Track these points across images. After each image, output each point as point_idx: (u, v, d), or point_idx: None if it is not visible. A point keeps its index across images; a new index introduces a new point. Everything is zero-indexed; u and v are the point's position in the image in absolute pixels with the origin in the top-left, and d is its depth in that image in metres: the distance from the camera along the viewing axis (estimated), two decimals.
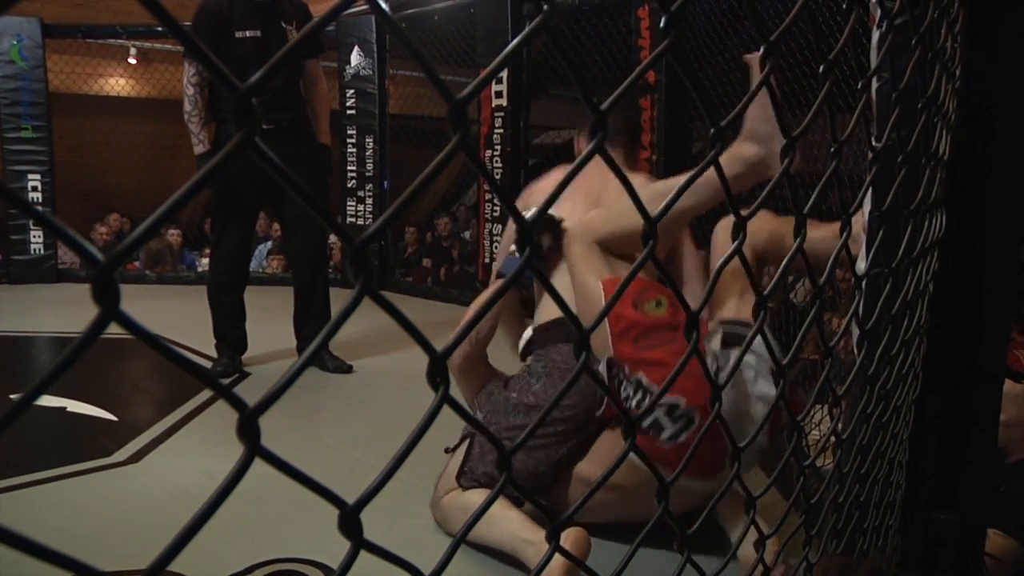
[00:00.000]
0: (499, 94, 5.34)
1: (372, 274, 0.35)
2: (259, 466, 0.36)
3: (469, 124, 0.37)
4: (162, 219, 0.29)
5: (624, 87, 0.45)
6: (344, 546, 0.40)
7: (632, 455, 0.53)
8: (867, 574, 0.92)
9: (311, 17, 3.88)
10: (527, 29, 0.39)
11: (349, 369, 3.84)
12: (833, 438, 1.08)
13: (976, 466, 1.45)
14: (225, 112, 3.61)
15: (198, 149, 3.57)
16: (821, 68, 0.75)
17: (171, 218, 0.33)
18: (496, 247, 5.52)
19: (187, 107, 3.55)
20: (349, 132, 6.32)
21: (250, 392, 1.72)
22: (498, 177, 5.42)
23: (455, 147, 0.36)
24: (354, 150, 6.31)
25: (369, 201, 6.27)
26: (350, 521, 0.39)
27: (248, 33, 3.53)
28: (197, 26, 3.54)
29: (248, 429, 0.33)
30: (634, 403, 1.95)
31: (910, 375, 1.36)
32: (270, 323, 4.66)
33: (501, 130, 5.38)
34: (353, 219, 6.34)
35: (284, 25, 3.64)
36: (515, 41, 0.40)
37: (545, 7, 0.40)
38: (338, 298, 4.00)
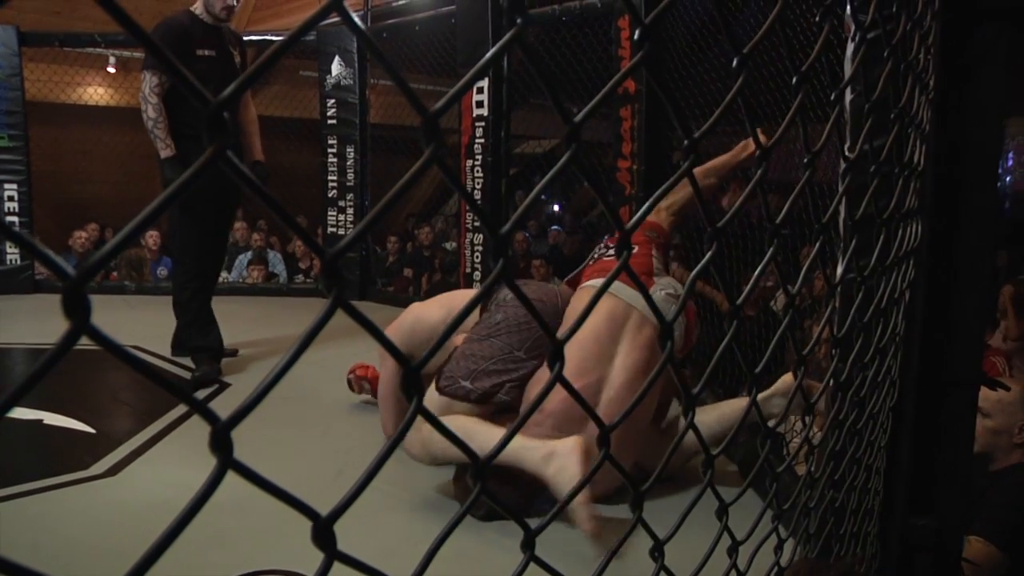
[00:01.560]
0: (480, 104, 5.36)
1: (344, 286, 0.35)
2: (241, 477, 0.36)
3: (442, 137, 0.37)
4: (134, 233, 0.30)
5: (596, 101, 0.46)
6: None
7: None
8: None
9: (245, 46, 4.16)
10: (499, 44, 0.40)
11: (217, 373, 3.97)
12: (807, 444, 1.09)
13: (952, 473, 1.46)
14: (183, 124, 3.71)
15: (166, 153, 3.66)
16: (794, 79, 0.76)
17: (145, 230, 0.33)
18: (478, 257, 5.53)
19: (152, 114, 3.64)
20: (330, 142, 6.31)
21: (230, 403, 1.71)
22: (479, 186, 5.42)
23: (427, 160, 0.37)
24: (335, 160, 6.30)
25: (350, 211, 6.26)
26: (324, 532, 0.39)
27: (206, 52, 3.75)
28: (162, 40, 3.59)
29: (220, 442, 0.33)
30: None
31: (886, 382, 1.37)
32: (252, 333, 4.64)
33: (482, 139, 5.39)
34: (334, 229, 6.32)
35: (232, 49, 3.91)
36: (487, 56, 0.40)
37: (518, 20, 0.40)
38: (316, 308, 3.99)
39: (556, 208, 11.34)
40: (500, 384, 2.39)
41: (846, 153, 0.96)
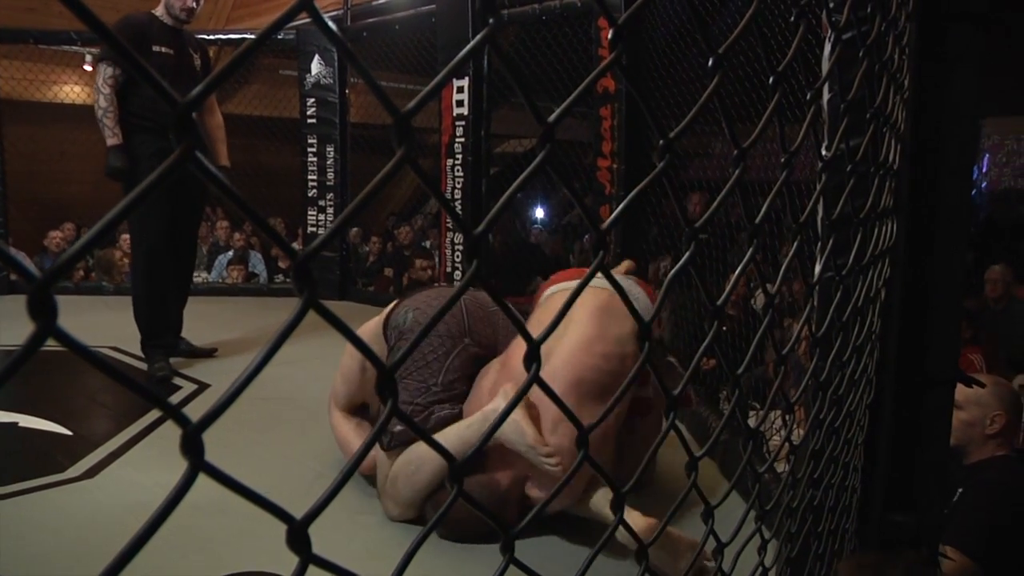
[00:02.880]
0: (460, 103, 5.35)
1: (315, 288, 0.34)
2: (213, 480, 0.36)
3: (414, 138, 0.37)
4: (99, 236, 0.29)
5: (569, 101, 0.46)
6: None
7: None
8: (903, 572, 0.92)
9: (208, 52, 4.23)
10: (471, 43, 0.39)
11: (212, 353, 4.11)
12: (787, 444, 1.10)
13: (929, 469, 1.48)
14: (134, 117, 3.74)
15: (112, 141, 3.69)
16: (771, 79, 0.76)
17: (110, 232, 0.32)
18: (458, 256, 5.51)
19: (103, 104, 3.67)
20: (310, 141, 6.27)
21: (209, 405, 1.69)
22: (459, 186, 5.41)
23: (399, 161, 0.36)
24: (315, 159, 6.27)
25: (330, 211, 6.23)
26: (298, 536, 0.38)
27: (163, 49, 3.79)
28: (118, 33, 3.59)
29: (191, 445, 0.33)
30: None
31: (863, 380, 1.38)
32: (231, 333, 4.61)
33: (462, 139, 5.38)
34: (314, 228, 6.29)
35: (192, 52, 3.96)
36: (456, 58, 0.40)
37: (491, 20, 0.40)
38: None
39: (540, 214, 11.31)
40: (427, 417, 2.36)
41: (823, 153, 0.96)
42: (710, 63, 0.59)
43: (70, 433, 3.04)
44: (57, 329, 0.28)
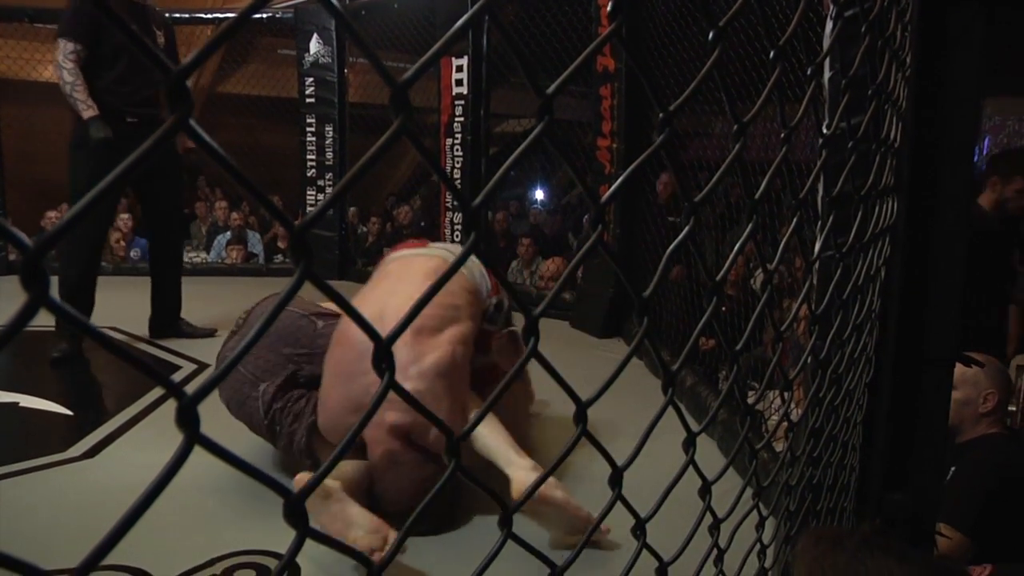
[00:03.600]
0: (459, 82, 5.32)
1: (311, 259, 0.34)
2: (209, 452, 0.36)
3: (411, 109, 0.37)
4: (89, 207, 0.29)
5: (568, 72, 0.45)
6: None
7: None
8: (859, 542, 0.93)
9: (174, 32, 4.15)
10: (472, 10, 0.39)
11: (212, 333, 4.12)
12: (786, 422, 1.10)
13: (926, 449, 1.48)
14: (101, 94, 3.66)
15: (88, 112, 3.60)
16: (772, 54, 0.75)
17: (100, 204, 0.31)
18: (457, 236, 5.50)
19: (68, 78, 3.59)
20: (308, 121, 6.25)
21: None
22: (459, 165, 5.40)
23: (396, 131, 0.36)
24: (313, 139, 6.25)
25: (329, 191, 6.22)
26: (295, 510, 0.38)
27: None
28: (79, 8, 3.64)
29: (187, 417, 0.33)
30: None
31: (862, 359, 1.38)
32: (229, 313, 4.59)
33: (461, 118, 5.36)
34: (313, 208, 6.28)
35: (156, 30, 3.88)
36: (459, 22, 0.39)
37: None
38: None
39: (540, 195, 11.26)
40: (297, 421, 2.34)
41: (823, 130, 0.96)
42: (711, 36, 0.59)
43: (70, 413, 3.04)
44: (49, 299, 0.28)
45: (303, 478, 1.98)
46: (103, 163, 3.55)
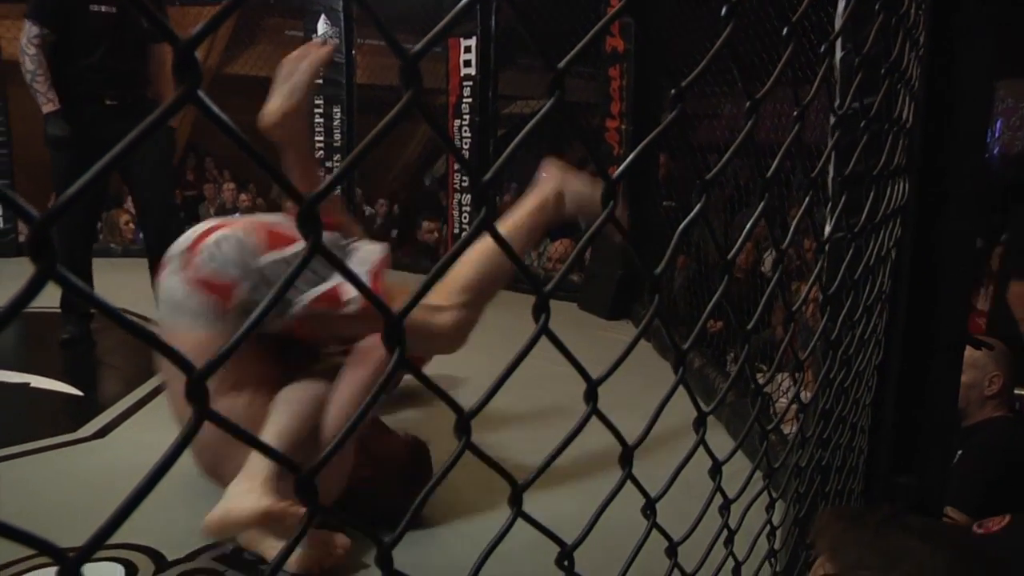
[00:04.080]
0: (467, 63, 5.30)
1: (321, 232, 0.34)
2: (217, 426, 0.36)
3: (421, 81, 0.36)
4: (98, 177, 0.28)
5: (580, 47, 0.45)
6: None
7: None
8: (882, 519, 0.93)
9: (163, 4, 3.98)
10: None
11: None
12: (796, 403, 1.10)
13: (934, 432, 1.48)
14: (75, 80, 3.49)
15: (48, 108, 3.43)
16: (785, 31, 0.74)
17: (103, 179, 0.31)
18: (466, 217, 5.50)
19: (29, 66, 3.40)
20: (316, 102, 6.23)
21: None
22: (466, 147, 5.38)
23: (407, 103, 0.36)
24: (321, 120, 6.23)
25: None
26: (305, 486, 0.38)
27: (103, 8, 3.49)
28: None
29: (196, 392, 0.32)
30: None
31: (872, 341, 1.37)
32: None
33: (469, 99, 5.34)
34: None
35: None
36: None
37: None
38: None
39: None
40: None
41: (836, 109, 0.95)
42: (723, 12, 0.58)
43: (80, 394, 3.06)
44: (57, 272, 0.28)
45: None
46: (89, 137, 3.43)
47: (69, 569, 0.30)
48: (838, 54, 1.46)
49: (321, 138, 6.25)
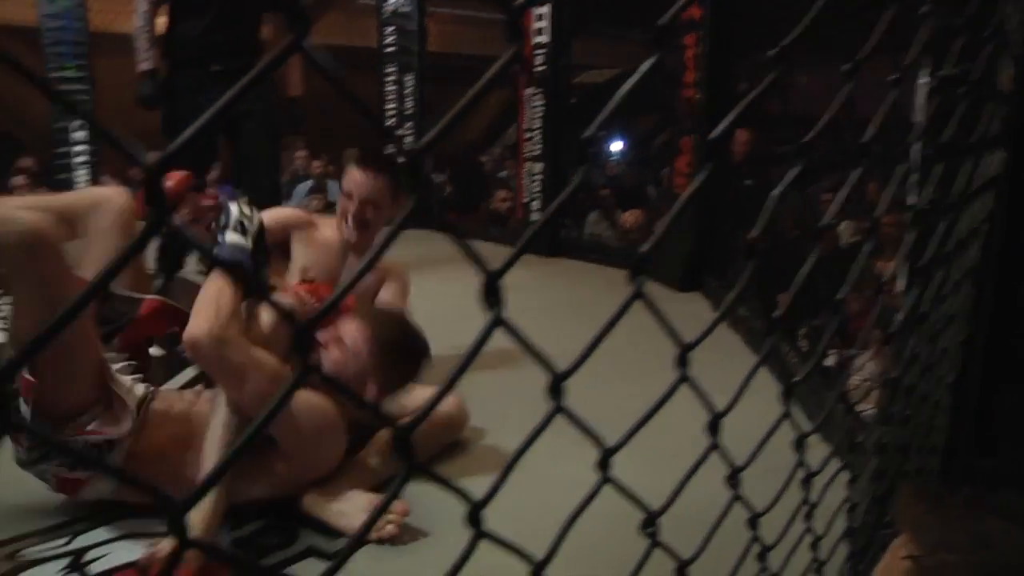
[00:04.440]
0: (540, 31, 5.24)
1: (429, 185, 0.34)
2: None
3: (523, 37, 0.36)
4: (194, 137, 0.29)
5: (678, 7, 0.43)
6: None
7: None
8: (963, 501, 0.91)
9: None
10: None
11: None
12: (876, 380, 1.07)
13: (1016, 415, 1.42)
14: (181, 50, 3.53)
15: (142, 66, 3.47)
16: None
17: (203, 135, 0.32)
18: (536, 187, 5.48)
19: (137, 23, 3.46)
20: (389, 70, 6.26)
21: None
22: (539, 116, 5.34)
23: (511, 58, 0.35)
24: (394, 87, 6.26)
25: (409, 140, 6.24)
26: (402, 445, 0.38)
27: None
28: None
29: (302, 344, 0.33)
30: None
31: (960, 317, 1.33)
32: None
33: (542, 67, 5.29)
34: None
35: None
36: None
37: None
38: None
39: (617, 147, 11.02)
40: None
41: (934, 74, 0.91)
42: None
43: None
44: (171, 221, 0.28)
45: None
46: (194, 108, 3.42)
47: (175, 517, 0.31)
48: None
49: (393, 106, 6.27)
